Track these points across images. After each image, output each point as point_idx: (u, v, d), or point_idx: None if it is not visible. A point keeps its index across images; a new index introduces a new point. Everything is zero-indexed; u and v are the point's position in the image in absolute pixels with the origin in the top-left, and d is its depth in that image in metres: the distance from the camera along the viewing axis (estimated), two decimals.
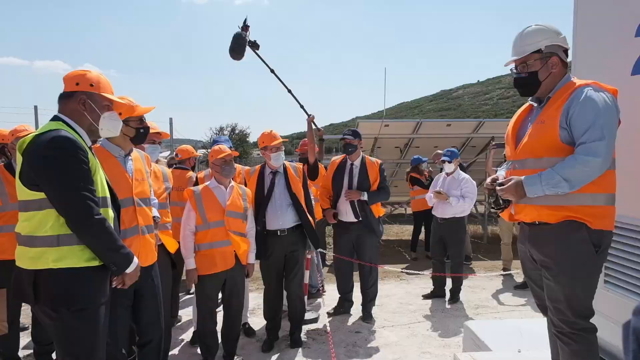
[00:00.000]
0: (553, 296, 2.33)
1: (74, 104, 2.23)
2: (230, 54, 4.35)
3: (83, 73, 2.28)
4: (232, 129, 49.18)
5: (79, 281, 2.10)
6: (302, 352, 4.14)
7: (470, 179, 5.63)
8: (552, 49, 2.33)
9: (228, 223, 3.60)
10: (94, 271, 2.15)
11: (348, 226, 4.81)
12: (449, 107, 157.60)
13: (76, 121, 2.22)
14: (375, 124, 9.03)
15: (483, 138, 9.59)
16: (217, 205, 3.60)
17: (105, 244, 2.16)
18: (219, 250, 3.57)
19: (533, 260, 2.46)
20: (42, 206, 2.06)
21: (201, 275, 3.59)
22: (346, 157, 4.87)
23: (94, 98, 2.26)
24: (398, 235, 10.40)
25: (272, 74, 4.63)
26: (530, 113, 2.52)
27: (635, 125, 2.47)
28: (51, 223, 2.06)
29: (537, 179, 2.20)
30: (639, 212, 2.56)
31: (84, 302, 2.11)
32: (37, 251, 2.06)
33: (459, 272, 5.59)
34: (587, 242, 2.22)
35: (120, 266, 2.24)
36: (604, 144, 2.11)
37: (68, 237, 2.08)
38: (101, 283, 2.20)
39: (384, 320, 4.95)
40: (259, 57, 4.47)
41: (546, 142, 2.27)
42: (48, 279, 2.06)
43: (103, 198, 2.23)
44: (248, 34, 4.35)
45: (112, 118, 2.34)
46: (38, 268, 2.05)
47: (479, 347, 3.40)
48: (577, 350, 2.28)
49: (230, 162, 3.70)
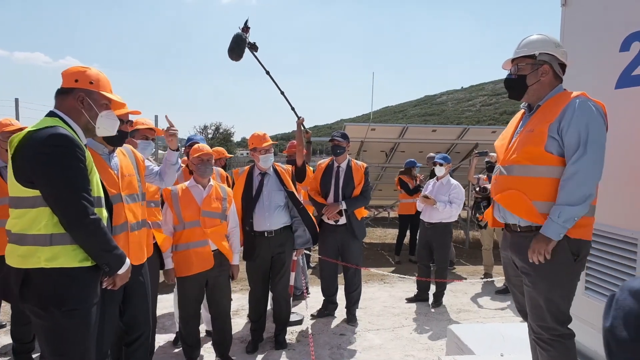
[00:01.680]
0: (532, 302, 2.39)
1: (71, 101, 2.20)
2: (229, 54, 4.32)
3: (83, 70, 2.25)
4: (216, 127, 49.00)
5: (70, 281, 2.07)
6: (286, 354, 4.15)
7: (459, 185, 5.72)
8: (545, 57, 2.39)
9: (204, 223, 3.56)
10: (86, 272, 2.13)
11: (333, 229, 4.85)
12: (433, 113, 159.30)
13: (73, 118, 2.19)
14: (362, 127, 9.10)
15: (467, 144, 9.74)
16: (193, 204, 3.56)
17: (100, 245, 2.14)
18: (195, 251, 3.53)
19: (515, 266, 2.52)
20: (35, 204, 2.02)
21: (180, 277, 3.58)
22: (333, 159, 4.91)
23: (92, 96, 2.23)
24: (381, 238, 10.47)
25: (267, 75, 4.61)
26: (522, 120, 2.58)
27: (617, 138, 2.55)
28: (45, 221, 2.03)
29: (549, 222, 2.23)
30: (618, 221, 2.65)
31: (75, 303, 2.07)
32: (27, 249, 2.02)
33: (444, 276, 5.67)
34: (565, 251, 2.29)
35: (113, 267, 2.22)
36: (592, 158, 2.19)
37: (61, 237, 2.05)
38: (92, 283, 2.18)
39: (368, 323, 5.00)
40: (256, 59, 4.45)
41: (531, 150, 2.33)
42: (39, 278, 2.02)
43: (98, 198, 2.21)
44: (248, 35, 4.35)
45: (110, 117, 2.32)
46: (28, 267, 2.02)
47: (462, 350, 3.46)
48: (555, 355, 2.34)
49: (207, 162, 3.65)
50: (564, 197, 2.21)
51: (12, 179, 2.05)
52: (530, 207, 2.33)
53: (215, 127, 48.84)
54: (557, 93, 2.40)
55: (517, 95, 2.50)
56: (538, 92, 2.43)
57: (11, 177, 2.05)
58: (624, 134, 2.59)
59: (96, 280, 2.21)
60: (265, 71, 4.56)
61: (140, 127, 3.54)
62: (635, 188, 2.51)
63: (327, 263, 4.96)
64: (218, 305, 3.75)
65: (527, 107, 2.55)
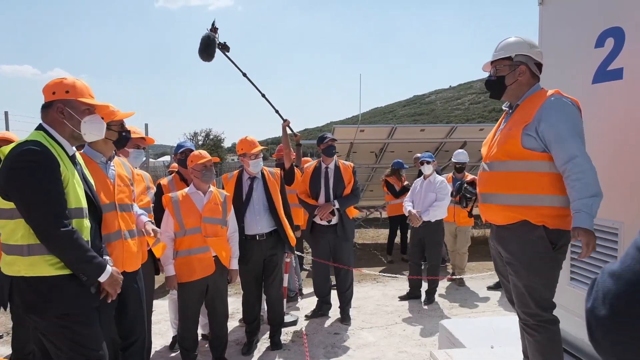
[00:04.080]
0: (517, 290, 2.51)
1: (53, 114, 2.23)
2: (199, 55, 4.30)
3: (59, 81, 2.28)
4: (206, 134, 48.85)
5: (51, 289, 2.12)
6: (281, 354, 4.19)
7: (445, 181, 5.78)
8: (522, 58, 2.50)
9: (205, 229, 3.60)
10: (68, 279, 2.17)
11: (325, 230, 4.90)
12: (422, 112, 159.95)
13: (57, 130, 2.23)
14: (351, 129, 9.16)
15: (456, 143, 9.82)
16: (194, 211, 3.60)
17: (74, 255, 2.16)
18: (197, 257, 3.57)
19: (501, 257, 2.62)
20: (13, 215, 2.09)
21: (181, 283, 3.60)
22: (320, 161, 4.97)
23: (71, 104, 2.25)
24: (374, 238, 10.52)
25: (244, 77, 4.63)
26: (504, 119, 2.69)
27: (595, 131, 2.64)
28: (22, 232, 2.09)
29: (584, 215, 2.22)
30: (600, 212, 2.72)
31: (60, 309, 2.13)
32: (11, 258, 2.11)
33: (436, 273, 5.73)
34: (544, 240, 2.39)
35: (90, 276, 2.22)
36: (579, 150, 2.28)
37: (38, 247, 2.10)
38: (79, 289, 2.21)
39: (361, 321, 5.05)
40: (229, 59, 4.43)
41: (509, 146, 2.45)
42: (21, 285, 2.10)
43: (77, 209, 2.22)
44: (217, 36, 4.34)
45: (94, 121, 2.32)
46: (12, 275, 2.10)
47: (453, 344, 3.52)
48: (540, 340, 2.46)
49: (211, 168, 3.71)
50: (586, 191, 2.22)
51: None
52: (505, 214, 2.47)
53: (205, 134, 48.72)
54: (535, 92, 2.51)
55: (497, 95, 2.61)
56: (516, 92, 2.54)
57: None
58: (602, 127, 2.68)
59: (81, 286, 2.22)
60: (242, 73, 4.55)
61: (132, 135, 3.56)
62: (615, 179, 2.59)
63: (319, 264, 5.01)
64: (216, 309, 3.79)
65: (508, 107, 2.66)
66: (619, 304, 0.65)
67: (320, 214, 4.79)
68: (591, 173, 2.26)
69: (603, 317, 0.67)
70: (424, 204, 5.65)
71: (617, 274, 0.67)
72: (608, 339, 0.66)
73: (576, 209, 2.25)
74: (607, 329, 0.67)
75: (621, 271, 0.66)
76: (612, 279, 0.68)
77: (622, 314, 0.64)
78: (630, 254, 0.66)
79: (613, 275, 0.68)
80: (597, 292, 0.69)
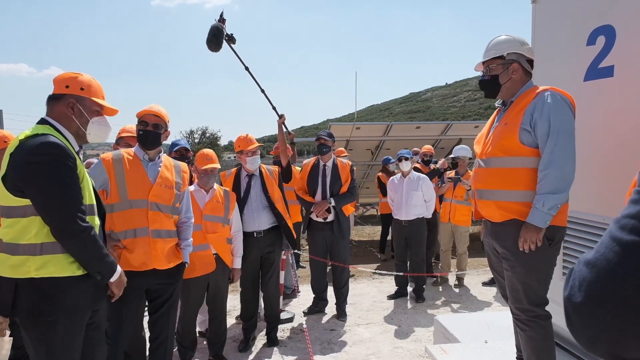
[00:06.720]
0: (511, 285, 2.53)
1: (62, 107, 2.16)
2: (207, 44, 4.27)
3: (75, 76, 2.21)
4: (202, 132, 48.80)
5: (57, 292, 2.03)
6: (278, 351, 4.23)
7: (426, 177, 5.76)
8: (514, 56, 2.53)
9: (205, 227, 3.62)
10: (76, 281, 2.09)
11: (321, 227, 4.93)
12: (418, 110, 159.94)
13: (64, 125, 2.16)
14: (347, 126, 9.20)
15: (451, 140, 9.87)
16: (196, 209, 3.61)
17: (91, 253, 2.11)
18: (197, 254, 3.56)
19: (496, 252, 2.64)
20: (26, 213, 2.00)
21: (183, 279, 3.62)
22: (318, 159, 4.99)
23: (83, 102, 2.19)
24: (370, 236, 10.57)
25: (246, 71, 4.62)
26: (498, 116, 2.71)
27: (587, 128, 2.67)
28: (35, 231, 2.00)
29: (535, 211, 2.33)
30: (593, 208, 2.76)
31: (60, 314, 2.04)
32: (18, 259, 1.99)
33: (421, 271, 5.73)
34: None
35: (104, 275, 2.18)
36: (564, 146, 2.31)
37: (51, 246, 2.02)
38: (82, 294, 2.12)
39: (357, 318, 5.09)
40: (234, 52, 4.42)
41: (506, 142, 2.46)
42: (27, 289, 1.99)
43: (90, 206, 2.18)
44: (225, 27, 4.34)
45: (101, 123, 2.28)
46: (18, 277, 1.99)
47: (448, 339, 3.56)
48: (532, 335, 2.49)
49: (212, 175, 3.73)
50: (546, 186, 2.31)
51: (3, 188, 2.01)
52: (501, 212, 2.48)
53: (201, 132, 48.68)
54: (528, 88, 2.53)
55: (492, 94, 2.64)
56: (511, 89, 2.56)
57: (1, 186, 2.02)
58: (593, 124, 2.71)
59: (86, 290, 2.15)
60: (244, 67, 4.55)
61: (125, 134, 3.58)
62: (606, 176, 2.63)
63: (316, 261, 5.04)
64: (216, 306, 3.82)
65: (501, 104, 2.68)
66: (594, 291, 0.68)
67: (316, 211, 4.82)
68: (561, 170, 2.29)
69: (579, 304, 0.70)
70: (407, 202, 5.60)
71: (592, 262, 0.70)
72: (584, 325, 0.69)
73: (533, 203, 2.33)
74: (582, 316, 0.69)
75: (595, 260, 0.69)
76: (587, 267, 0.71)
77: (596, 300, 0.67)
78: (605, 243, 0.69)
79: (588, 264, 0.71)
80: (574, 280, 0.72)
